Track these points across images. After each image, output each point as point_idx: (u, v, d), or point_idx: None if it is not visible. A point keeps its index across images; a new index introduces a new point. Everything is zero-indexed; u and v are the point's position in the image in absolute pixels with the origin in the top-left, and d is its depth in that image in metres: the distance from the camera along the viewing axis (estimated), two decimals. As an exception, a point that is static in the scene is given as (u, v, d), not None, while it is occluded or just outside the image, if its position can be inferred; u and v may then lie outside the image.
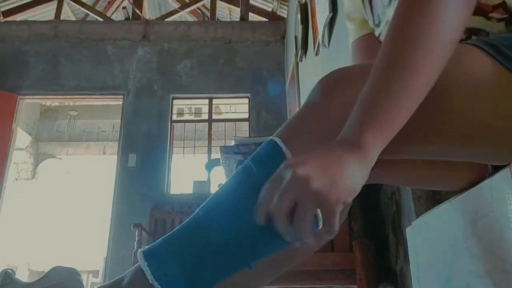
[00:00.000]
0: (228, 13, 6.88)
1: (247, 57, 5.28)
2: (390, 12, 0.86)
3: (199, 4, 6.41)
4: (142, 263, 0.57)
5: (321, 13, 2.82)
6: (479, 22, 0.73)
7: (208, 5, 6.28)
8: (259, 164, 0.57)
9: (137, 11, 5.65)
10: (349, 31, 1.05)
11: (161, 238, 0.60)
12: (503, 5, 0.72)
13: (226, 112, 7.59)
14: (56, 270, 0.69)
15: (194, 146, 6.56)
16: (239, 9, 5.75)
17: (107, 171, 6.88)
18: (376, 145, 0.50)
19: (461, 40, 0.65)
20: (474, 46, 0.62)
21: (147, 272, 0.56)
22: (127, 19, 5.61)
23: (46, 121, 8.87)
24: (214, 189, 4.39)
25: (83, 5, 6.04)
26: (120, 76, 5.16)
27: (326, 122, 0.57)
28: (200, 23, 5.93)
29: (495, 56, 0.60)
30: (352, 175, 0.47)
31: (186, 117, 7.32)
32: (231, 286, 0.70)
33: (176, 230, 0.60)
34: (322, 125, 0.58)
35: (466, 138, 0.61)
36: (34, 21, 5.59)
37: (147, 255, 0.58)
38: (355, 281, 1.56)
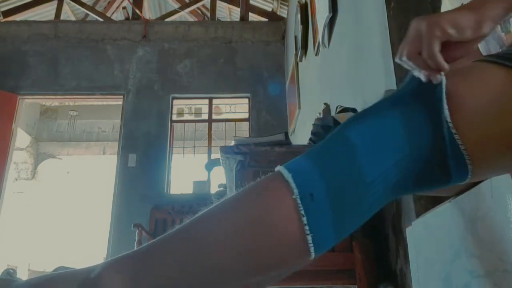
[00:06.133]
0: (228, 13, 6.87)
1: (247, 57, 5.27)
2: None
3: (199, 4, 6.41)
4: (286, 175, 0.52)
5: (321, 13, 2.82)
6: None
7: (208, 5, 6.27)
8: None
9: (137, 11, 5.65)
10: None
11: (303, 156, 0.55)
12: None
13: (226, 112, 7.58)
14: (60, 270, 0.69)
15: (194, 146, 6.55)
16: (239, 9, 5.75)
17: (107, 171, 6.88)
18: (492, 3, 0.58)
19: None
20: (487, 63, 0.60)
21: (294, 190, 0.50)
22: (127, 19, 5.61)
23: (46, 121, 8.86)
24: (214, 189, 4.38)
25: (83, 5, 6.04)
26: (120, 76, 5.16)
27: None
28: (200, 23, 5.92)
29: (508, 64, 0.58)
30: (457, 14, 0.56)
31: (186, 117, 7.31)
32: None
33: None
34: None
35: None
36: (34, 21, 5.59)
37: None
38: (355, 281, 1.56)
